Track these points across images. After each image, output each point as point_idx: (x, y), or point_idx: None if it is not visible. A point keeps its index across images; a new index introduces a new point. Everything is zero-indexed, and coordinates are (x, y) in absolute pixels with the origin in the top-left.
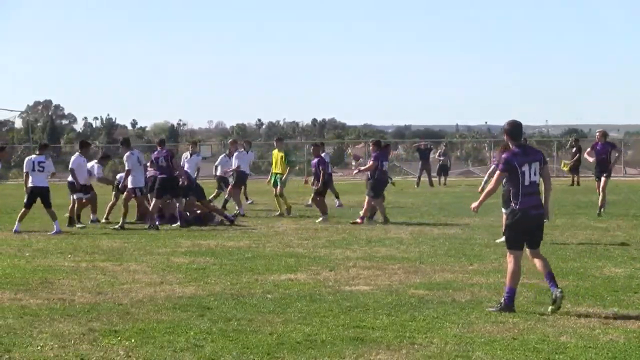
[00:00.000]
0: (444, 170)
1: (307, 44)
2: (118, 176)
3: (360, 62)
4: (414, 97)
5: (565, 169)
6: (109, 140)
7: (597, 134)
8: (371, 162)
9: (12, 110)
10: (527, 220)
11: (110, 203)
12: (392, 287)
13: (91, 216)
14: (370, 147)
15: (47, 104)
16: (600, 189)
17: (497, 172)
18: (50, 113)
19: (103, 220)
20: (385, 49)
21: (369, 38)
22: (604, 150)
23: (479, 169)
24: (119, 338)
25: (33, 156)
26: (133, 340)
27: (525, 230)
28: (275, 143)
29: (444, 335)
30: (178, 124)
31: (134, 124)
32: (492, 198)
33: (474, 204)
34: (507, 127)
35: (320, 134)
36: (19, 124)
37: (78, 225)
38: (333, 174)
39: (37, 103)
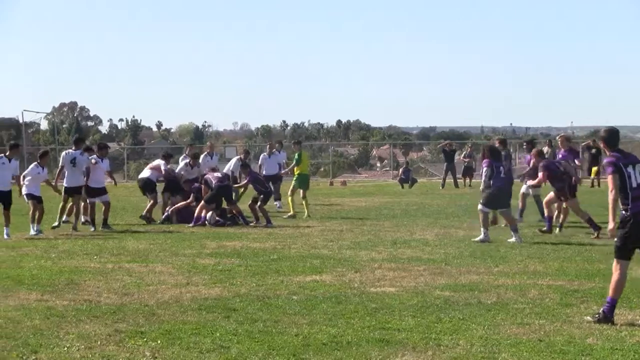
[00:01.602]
0: (469, 171)
1: (332, 45)
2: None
3: (385, 64)
4: (439, 99)
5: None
6: (135, 141)
7: (559, 139)
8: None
9: (38, 112)
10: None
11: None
12: (418, 288)
13: (82, 217)
14: (525, 147)
15: (73, 105)
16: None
17: (609, 176)
18: (75, 114)
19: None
20: (410, 50)
21: (393, 40)
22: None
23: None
24: (145, 339)
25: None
26: (159, 342)
27: (637, 238)
28: (294, 146)
29: (470, 336)
30: (203, 125)
31: (159, 125)
32: (514, 199)
33: (611, 228)
34: (603, 135)
35: (345, 136)
36: (44, 125)
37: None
38: (358, 175)
39: (62, 105)
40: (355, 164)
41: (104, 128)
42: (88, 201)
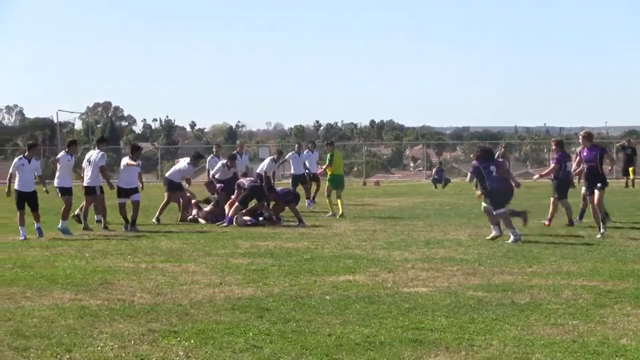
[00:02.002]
0: None
1: (368, 45)
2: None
3: (418, 63)
4: (472, 99)
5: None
6: (168, 141)
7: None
8: (554, 164)
9: (72, 112)
10: None
11: (163, 203)
12: (451, 288)
13: (95, 216)
14: (553, 147)
15: (107, 105)
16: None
17: None
18: (109, 114)
19: (154, 220)
20: (443, 50)
21: (428, 40)
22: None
23: (537, 170)
24: (179, 339)
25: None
26: (192, 341)
27: None
28: (326, 147)
29: (503, 337)
30: (237, 125)
31: (192, 125)
32: (547, 199)
33: None
34: None
35: (378, 136)
36: (79, 125)
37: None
38: (391, 175)
39: (96, 105)
40: (388, 164)
41: (137, 128)
42: (118, 201)
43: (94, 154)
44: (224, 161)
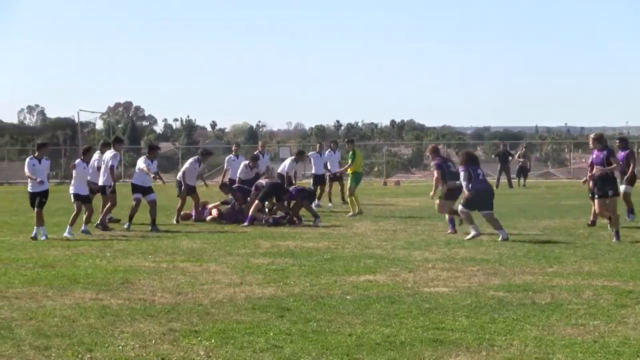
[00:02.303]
0: (523, 171)
1: (387, 44)
2: (178, 177)
3: (439, 63)
4: (493, 98)
5: None
6: (189, 141)
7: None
8: (619, 162)
9: (93, 112)
10: None
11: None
12: (472, 288)
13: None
14: (617, 144)
15: (128, 105)
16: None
17: None
18: (130, 114)
19: (174, 221)
20: (464, 50)
21: (448, 40)
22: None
23: (558, 171)
24: (199, 338)
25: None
26: (213, 341)
27: None
28: (347, 145)
29: (524, 337)
30: (257, 125)
31: (213, 125)
32: (568, 199)
33: None
34: None
35: (398, 136)
36: (100, 125)
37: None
38: (412, 175)
39: (117, 104)
40: (409, 164)
41: (158, 128)
42: (134, 197)
43: (108, 154)
44: (247, 162)
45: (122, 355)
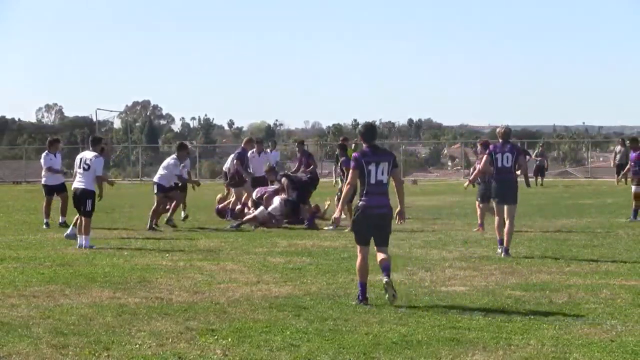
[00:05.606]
0: (540, 170)
1: (404, 43)
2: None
3: (456, 62)
4: (510, 97)
5: None
6: (207, 140)
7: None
8: None
9: (111, 111)
10: None
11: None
12: (489, 287)
13: (60, 218)
14: (629, 144)
15: (145, 104)
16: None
17: None
18: (148, 113)
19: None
20: (480, 48)
21: (465, 38)
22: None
23: (576, 170)
24: (216, 337)
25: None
26: (230, 339)
27: None
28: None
29: (541, 336)
30: (274, 124)
31: (230, 124)
32: (586, 199)
33: None
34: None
35: (416, 135)
36: (117, 124)
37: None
38: (429, 174)
39: (135, 103)
40: (426, 163)
41: (176, 127)
42: (158, 195)
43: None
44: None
45: (139, 354)
